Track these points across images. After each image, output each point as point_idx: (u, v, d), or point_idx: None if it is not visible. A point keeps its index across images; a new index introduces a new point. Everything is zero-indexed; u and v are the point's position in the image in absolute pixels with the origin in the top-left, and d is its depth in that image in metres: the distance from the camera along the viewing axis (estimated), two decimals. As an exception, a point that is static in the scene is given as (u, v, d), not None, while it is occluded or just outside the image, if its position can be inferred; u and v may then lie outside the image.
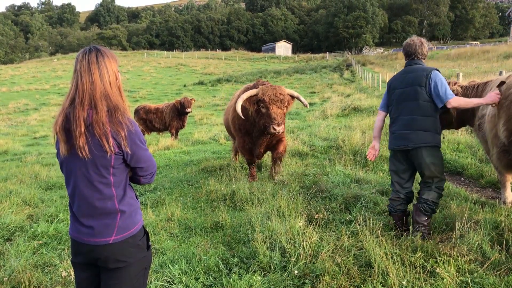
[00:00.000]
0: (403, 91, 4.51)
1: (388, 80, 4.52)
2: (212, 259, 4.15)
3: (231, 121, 7.50)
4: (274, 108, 6.41)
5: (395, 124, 4.56)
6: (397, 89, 4.58)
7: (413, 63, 4.64)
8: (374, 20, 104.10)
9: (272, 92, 6.46)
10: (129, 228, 2.44)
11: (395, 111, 4.58)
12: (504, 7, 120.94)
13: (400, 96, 4.52)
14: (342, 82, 37.49)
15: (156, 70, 61.77)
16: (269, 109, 6.40)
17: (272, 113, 6.37)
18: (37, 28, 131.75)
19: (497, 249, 3.99)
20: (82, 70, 2.35)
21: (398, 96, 4.55)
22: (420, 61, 4.65)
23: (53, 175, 9.10)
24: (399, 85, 4.58)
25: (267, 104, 6.41)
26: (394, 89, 4.63)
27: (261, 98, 6.44)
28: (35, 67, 68.39)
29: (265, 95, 6.42)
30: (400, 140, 4.47)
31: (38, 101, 35.14)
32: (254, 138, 7.09)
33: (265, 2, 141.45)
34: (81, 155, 2.31)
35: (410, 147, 4.39)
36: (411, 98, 4.44)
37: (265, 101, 6.42)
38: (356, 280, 3.67)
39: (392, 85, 4.69)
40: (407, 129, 4.42)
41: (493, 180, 6.67)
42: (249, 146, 7.30)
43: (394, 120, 4.59)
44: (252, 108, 6.61)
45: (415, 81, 4.44)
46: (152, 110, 14.68)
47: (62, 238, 5.18)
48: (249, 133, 7.14)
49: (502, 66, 26.94)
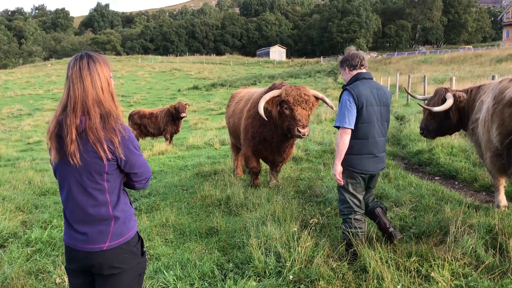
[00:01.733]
0: (380, 110, 4.16)
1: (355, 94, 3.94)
2: (207, 265, 4.14)
3: (244, 128, 7.03)
4: (299, 109, 5.96)
5: (375, 146, 4.14)
6: (375, 107, 4.10)
7: (371, 76, 4.24)
8: (368, 25, 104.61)
9: (296, 92, 6.02)
10: (124, 234, 2.43)
11: (377, 131, 4.15)
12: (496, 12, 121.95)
13: (380, 115, 4.16)
14: (336, 87, 37.55)
15: (150, 75, 61.68)
16: (293, 111, 5.95)
17: (297, 114, 5.92)
18: (30, 33, 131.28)
19: (491, 252, 4.00)
20: (74, 77, 2.34)
21: (377, 115, 4.13)
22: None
23: (47, 181, 9.05)
24: (374, 102, 4.10)
25: (291, 105, 5.96)
26: (371, 105, 4.09)
27: (285, 99, 6.00)
28: (29, 72, 68.11)
29: (289, 96, 5.98)
30: (382, 163, 4.31)
31: (31, 107, 34.99)
32: (275, 144, 6.72)
33: (259, 7, 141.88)
34: (72, 162, 2.29)
35: (378, 172, 4.31)
36: (386, 119, 4.25)
37: (289, 102, 5.97)
38: (351, 284, 3.67)
39: (368, 101, 4.06)
40: (384, 151, 4.29)
41: (486, 184, 6.70)
42: (263, 154, 6.91)
43: (373, 142, 4.13)
44: (275, 110, 6.17)
45: (387, 101, 4.23)
46: (147, 115, 14.65)
47: (56, 244, 5.15)
48: (266, 140, 6.72)
49: (494, 70, 27.13)
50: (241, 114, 7.30)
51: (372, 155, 4.13)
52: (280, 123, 6.22)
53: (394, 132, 11.95)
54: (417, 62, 51.44)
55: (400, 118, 14.90)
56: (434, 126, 5.94)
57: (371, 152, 4.12)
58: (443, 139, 9.02)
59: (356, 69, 4.22)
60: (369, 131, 4.08)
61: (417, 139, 10.12)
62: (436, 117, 5.84)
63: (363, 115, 4.03)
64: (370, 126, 4.08)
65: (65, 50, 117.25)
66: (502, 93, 4.57)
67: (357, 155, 4.10)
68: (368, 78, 4.18)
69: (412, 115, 13.93)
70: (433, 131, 6.00)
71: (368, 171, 4.13)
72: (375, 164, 4.16)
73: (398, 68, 44.76)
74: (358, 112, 4.01)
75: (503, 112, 4.46)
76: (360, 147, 4.09)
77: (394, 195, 6.00)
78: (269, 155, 6.92)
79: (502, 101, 4.51)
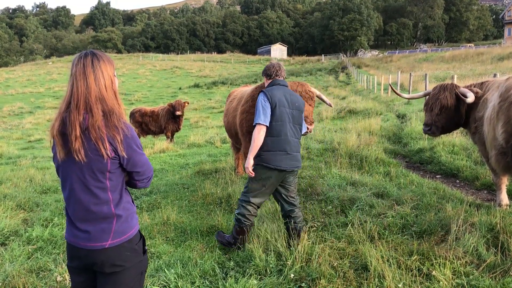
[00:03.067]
0: (292, 112, 4.51)
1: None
2: (208, 263, 4.14)
3: (239, 124, 6.92)
4: (306, 106, 5.81)
5: (287, 143, 4.45)
6: (286, 108, 4.46)
7: (285, 83, 4.65)
8: (369, 23, 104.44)
9: (302, 88, 5.93)
10: (126, 232, 2.43)
11: (289, 131, 4.48)
12: (498, 10, 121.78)
13: (291, 117, 4.50)
14: (337, 85, 37.59)
15: (151, 73, 61.73)
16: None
17: (305, 112, 5.80)
18: (32, 31, 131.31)
19: (492, 251, 4.00)
20: (78, 74, 2.35)
21: (289, 116, 4.48)
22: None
23: (48, 178, 9.06)
24: (287, 104, 4.47)
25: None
26: (283, 107, 4.44)
27: None
28: (30, 70, 68.19)
29: (296, 92, 5.77)
30: (296, 161, 4.54)
31: (33, 104, 35.03)
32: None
33: (261, 5, 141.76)
34: (77, 159, 2.29)
35: (299, 168, 4.61)
36: (298, 122, 4.59)
37: None
38: (352, 283, 3.66)
39: (280, 102, 4.42)
40: (297, 151, 4.57)
41: (488, 182, 6.70)
42: None
43: (285, 140, 4.44)
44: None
45: (300, 105, 4.59)
46: (148, 113, 14.64)
47: (57, 242, 5.15)
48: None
49: (496, 68, 27.10)
50: (235, 112, 7.29)
51: (284, 152, 4.43)
52: None
53: (395, 130, 11.93)
54: (418, 60, 51.43)
55: (402, 116, 14.87)
56: (443, 122, 5.83)
57: (284, 149, 4.42)
58: (444, 137, 9.01)
59: (271, 77, 4.66)
60: (281, 129, 4.43)
61: (418, 138, 10.10)
62: (446, 113, 5.72)
63: (276, 114, 4.39)
64: (282, 125, 4.43)
65: (66, 48, 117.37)
66: (508, 90, 4.55)
67: (271, 151, 4.40)
68: (282, 84, 4.61)
69: (413, 113, 13.90)
70: (441, 127, 5.88)
71: (281, 167, 4.39)
72: (287, 161, 4.43)
73: (399, 66, 44.72)
74: (271, 112, 4.39)
75: (509, 110, 4.44)
76: (273, 144, 4.41)
77: (396, 193, 5.99)
78: None
79: (508, 99, 4.50)
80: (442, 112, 5.72)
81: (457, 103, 5.62)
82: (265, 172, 4.41)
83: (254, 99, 6.65)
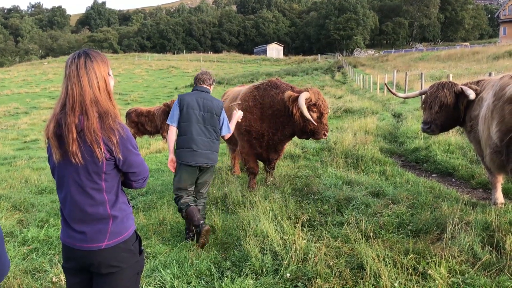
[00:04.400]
0: (203, 114, 5.10)
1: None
2: (204, 263, 4.13)
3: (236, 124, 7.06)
4: (326, 115, 6.30)
5: (193, 141, 5.04)
6: (196, 110, 5.09)
7: (205, 89, 5.30)
8: (365, 22, 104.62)
9: (322, 97, 6.27)
10: (122, 233, 2.43)
11: (196, 131, 5.07)
12: (493, 9, 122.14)
13: (201, 119, 5.09)
14: (333, 84, 37.64)
15: (147, 72, 61.65)
16: (323, 115, 6.21)
17: (325, 119, 6.25)
18: (27, 31, 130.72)
19: (488, 250, 4.01)
20: (72, 76, 2.33)
21: (198, 118, 5.08)
22: (208, 89, 5.37)
23: (44, 179, 9.03)
24: (197, 107, 5.10)
25: (322, 109, 6.17)
26: (192, 109, 5.08)
27: (316, 103, 6.14)
28: (26, 71, 67.97)
29: (319, 100, 6.18)
30: (204, 158, 5.09)
31: (28, 105, 34.92)
32: (272, 141, 6.72)
33: (257, 4, 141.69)
34: (74, 161, 2.29)
35: (209, 165, 5.18)
36: (210, 123, 5.13)
37: (320, 107, 6.15)
38: (348, 282, 3.66)
39: (190, 104, 5.09)
40: (208, 149, 5.12)
41: (483, 181, 6.72)
42: (258, 151, 6.87)
43: (191, 138, 5.06)
44: (297, 111, 6.17)
45: (212, 109, 5.13)
46: (144, 113, 14.62)
47: (52, 243, 5.14)
48: (263, 135, 6.67)
49: (491, 67, 27.20)
50: (228, 112, 7.27)
51: (190, 149, 5.03)
52: (303, 125, 6.24)
53: (391, 129, 11.96)
54: (414, 60, 51.53)
55: (397, 115, 14.91)
56: (442, 120, 5.81)
57: (190, 146, 5.03)
58: (440, 136, 9.03)
59: (195, 84, 5.39)
60: (187, 129, 5.06)
61: (414, 137, 10.12)
62: (446, 111, 5.71)
63: (183, 115, 5.09)
64: (189, 125, 5.06)
65: (61, 48, 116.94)
66: (502, 89, 4.56)
67: (180, 149, 5.08)
68: (200, 90, 5.28)
69: (409, 112, 13.93)
70: (440, 125, 5.86)
71: (187, 162, 5.03)
72: (193, 157, 5.03)
73: (395, 66, 44.80)
74: (180, 113, 5.11)
75: (503, 109, 4.44)
76: (181, 142, 5.09)
77: (391, 192, 6.00)
78: (263, 152, 6.89)
79: (502, 98, 4.50)
80: (441, 110, 5.70)
81: (456, 101, 5.63)
82: (179, 166, 5.13)
83: (255, 99, 6.64)
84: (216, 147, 5.24)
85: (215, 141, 5.19)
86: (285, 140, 6.91)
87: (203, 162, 5.08)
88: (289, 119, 6.33)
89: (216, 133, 5.20)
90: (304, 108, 6.03)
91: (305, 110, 6.03)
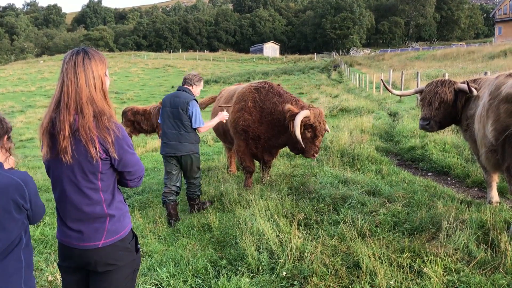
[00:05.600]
0: (172, 110, 5.76)
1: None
2: (200, 262, 4.14)
3: (232, 122, 6.87)
4: (321, 138, 6.37)
5: (165, 135, 5.85)
6: (167, 108, 5.80)
7: (182, 89, 5.90)
8: (361, 21, 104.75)
9: (322, 118, 6.27)
10: (118, 231, 2.43)
11: (167, 125, 5.82)
12: (488, 8, 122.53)
13: (171, 114, 5.76)
14: (329, 83, 37.70)
15: (143, 71, 61.49)
16: (317, 138, 6.27)
17: (318, 142, 6.32)
18: (22, 30, 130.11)
19: (483, 248, 4.03)
20: (68, 72, 2.32)
21: (169, 114, 5.78)
22: (187, 89, 5.90)
23: (39, 178, 9.01)
24: (168, 105, 5.81)
25: (318, 132, 6.23)
26: (165, 106, 5.84)
27: (313, 124, 6.16)
28: (21, 69, 67.67)
29: (317, 121, 6.18)
30: (172, 149, 5.79)
31: (24, 103, 34.77)
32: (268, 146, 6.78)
33: (253, 3, 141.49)
34: (63, 159, 2.27)
35: (178, 155, 5.79)
36: (177, 117, 5.74)
37: (316, 129, 6.19)
38: (344, 280, 3.68)
39: (164, 103, 5.89)
40: (176, 141, 5.77)
41: (479, 180, 6.75)
42: (253, 151, 6.90)
43: (164, 132, 5.88)
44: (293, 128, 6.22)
45: (179, 105, 5.73)
46: (140, 111, 14.59)
47: (48, 242, 5.13)
48: (259, 137, 6.71)
49: (487, 67, 27.29)
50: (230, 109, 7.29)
51: (163, 142, 5.87)
52: (295, 140, 6.21)
53: (387, 128, 11.98)
54: (410, 59, 51.62)
55: (393, 114, 14.93)
56: (441, 117, 5.76)
57: (163, 140, 5.88)
58: (435, 135, 9.06)
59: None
60: (163, 124, 5.89)
61: (410, 135, 10.15)
62: (445, 108, 5.70)
63: (162, 113, 5.92)
64: (163, 121, 5.87)
65: (57, 47, 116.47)
66: (498, 88, 4.57)
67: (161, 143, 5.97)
68: (178, 90, 5.92)
69: (405, 111, 13.97)
70: (439, 122, 5.82)
71: (162, 153, 5.93)
72: (165, 148, 5.85)
73: (391, 65, 44.89)
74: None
75: (499, 108, 4.46)
76: (161, 137, 6.00)
77: (387, 191, 6.01)
78: (259, 153, 6.91)
79: (498, 97, 4.52)
80: (441, 106, 5.67)
81: (455, 98, 5.63)
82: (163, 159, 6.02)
83: (255, 101, 6.62)
84: (186, 138, 5.78)
85: (183, 133, 5.76)
86: (280, 147, 6.95)
87: (171, 152, 5.79)
88: (286, 129, 6.33)
89: (185, 126, 5.75)
90: (297, 128, 5.99)
91: (297, 130, 5.99)
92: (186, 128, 5.74)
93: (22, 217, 2.29)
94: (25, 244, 2.33)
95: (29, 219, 2.36)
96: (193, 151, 5.86)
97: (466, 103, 5.56)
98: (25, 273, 2.31)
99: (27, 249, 2.35)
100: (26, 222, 2.34)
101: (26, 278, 2.31)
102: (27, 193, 2.28)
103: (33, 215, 2.37)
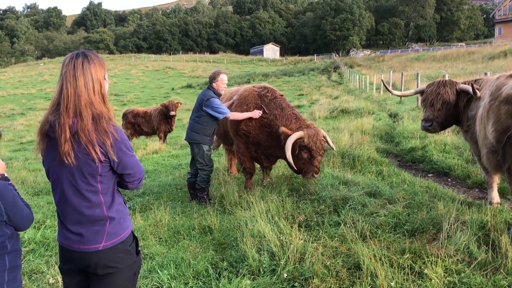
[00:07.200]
0: (196, 104, 6.67)
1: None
2: (201, 264, 4.13)
3: (233, 124, 6.87)
4: (319, 158, 6.25)
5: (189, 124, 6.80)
6: (195, 103, 6.74)
7: (208, 87, 6.71)
8: (361, 23, 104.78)
9: (317, 138, 6.13)
10: (119, 234, 2.43)
11: (191, 116, 6.81)
12: (488, 9, 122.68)
13: (195, 108, 6.68)
14: (330, 84, 37.70)
15: (143, 73, 61.55)
16: (314, 158, 6.16)
17: (316, 161, 6.19)
18: (22, 32, 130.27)
19: (483, 249, 4.03)
20: (68, 75, 2.32)
21: (195, 107, 6.71)
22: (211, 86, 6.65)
23: (40, 180, 9.01)
24: (196, 101, 6.73)
25: (314, 152, 6.13)
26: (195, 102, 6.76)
27: (308, 145, 6.09)
28: (21, 72, 67.72)
29: (312, 143, 6.08)
30: (186, 135, 6.76)
31: (24, 106, 34.80)
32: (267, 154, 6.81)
33: (253, 5, 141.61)
34: (66, 162, 2.28)
35: (187, 140, 6.76)
36: (195, 110, 6.65)
37: (311, 150, 6.10)
38: (345, 282, 3.68)
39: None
40: (190, 129, 6.67)
41: (479, 181, 6.74)
42: (253, 155, 6.91)
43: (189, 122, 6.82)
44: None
45: (199, 100, 6.59)
46: (140, 113, 14.61)
47: (49, 244, 5.13)
48: (259, 144, 6.73)
49: (487, 67, 27.30)
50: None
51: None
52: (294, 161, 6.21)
53: (387, 129, 11.97)
54: (410, 60, 51.63)
55: (394, 115, 14.92)
56: (443, 118, 5.72)
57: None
58: (436, 136, 9.06)
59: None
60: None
61: (410, 137, 10.15)
62: (447, 109, 5.66)
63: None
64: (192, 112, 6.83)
65: (57, 49, 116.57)
66: (498, 89, 4.57)
67: None
68: (207, 88, 6.71)
69: (406, 112, 13.96)
70: (441, 123, 5.77)
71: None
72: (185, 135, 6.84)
73: (391, 66, 44.90)
74: None
75: (500, 109, 4.46)
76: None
77: (388, 192, 6.01)
78: (258, 157, 6.93)
79: (498, 98, 4.52)
80: (443, 107, 5.62)
81: (457, 99, 5.61)
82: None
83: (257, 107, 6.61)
84: (195, 128, 6.56)
85: (195, 124, 6.59)
86: (278, 158, 6.90)
87: (186, 139, 6.79)
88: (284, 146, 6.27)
89: (198, 117, 6.56)
90: (288, 151, 6.01)
91: (288, 153, 6.01)
92: (198, 120, 6.55)
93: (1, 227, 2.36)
94: (10, 249, 2.40)
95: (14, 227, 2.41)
96: (198, 141, 6.53)
97: (467, 104, 5.55)
98: (9, 274, 2.39)
99: (13, 253, 2.42)
100: (8, 231, 2.40)
101: (10, 280, 2.40)
102: (2, 207, 2.34)
103: (16, 225, 2.43)
